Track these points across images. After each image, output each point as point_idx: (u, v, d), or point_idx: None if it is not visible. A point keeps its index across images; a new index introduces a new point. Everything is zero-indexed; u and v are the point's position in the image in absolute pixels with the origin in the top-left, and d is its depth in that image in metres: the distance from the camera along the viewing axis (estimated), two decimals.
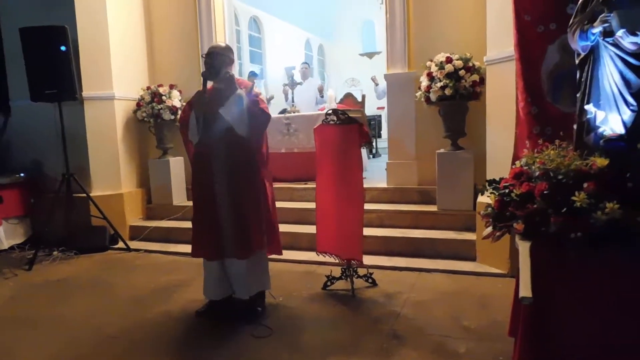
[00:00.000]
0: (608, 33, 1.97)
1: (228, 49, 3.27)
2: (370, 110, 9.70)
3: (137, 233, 5.52)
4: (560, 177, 1.94)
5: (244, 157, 3.15)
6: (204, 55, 3.23)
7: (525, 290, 1.72)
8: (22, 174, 5.58)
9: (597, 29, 2.00)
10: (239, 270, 3.18)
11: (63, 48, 4.91)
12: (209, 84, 3.22)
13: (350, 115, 3.62)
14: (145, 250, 5.13)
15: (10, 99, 5.89)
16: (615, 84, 1.99)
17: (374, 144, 10.32)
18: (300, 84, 7.17)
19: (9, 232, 5.40)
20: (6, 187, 5.30)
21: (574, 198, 1.82)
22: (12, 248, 5.36)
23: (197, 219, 3.29)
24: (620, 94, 1.97)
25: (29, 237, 5.57)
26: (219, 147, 3.12)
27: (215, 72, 3.14)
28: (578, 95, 2.15)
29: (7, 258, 5.10)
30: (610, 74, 1.99)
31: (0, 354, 2.89)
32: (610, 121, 2.00)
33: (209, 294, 3.35)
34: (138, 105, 5.68)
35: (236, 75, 3.31)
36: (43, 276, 4.43)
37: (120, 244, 5.28)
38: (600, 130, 2.03)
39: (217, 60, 3.14)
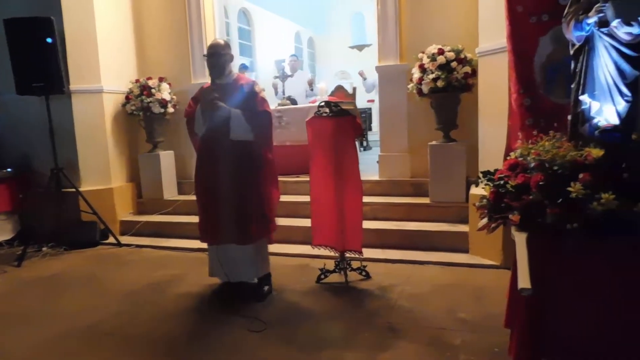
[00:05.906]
0: (603, 23, 1.97)
1: (227, 47, 3.43)
2: (360, 103, 9.61)
3: (128, 228, 5.47)
4: (555, 168, 1.94)
5: (246, 149, 3.32)
6: (205, 55, 3.40)
7: (524, 282, 1.72)
8: (9, 169, 5.49)
9: (592, 19, 1.99)
10: (245, 255, 3.40)
11: (49, 40, 4.82)
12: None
13: (343, 107, 3.60)
14: (137, 245, 5.09)
15: None
16: (610, 75, 1.99)
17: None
18: (290, 76, 7.12)
19: None
20: None
21: (569, 189, 1.83)
22: None
23: (200, 207, 3.51)
24: (615, 84, 1.98)
25: (17, 233, 5.49)
26: (222, 139, 3.29)
27: (219, 71, 3.37)
28: (573, 85, 2.15)
29: None
30: (605, 64, 1.99)
31: None
32: (605, 112, 2.00)
33: (214, 274, 3.62)
34: (127, 98, 5.60)
35: (234, 70, 3.52)
36: (33, 272, 4.38)
37: (111, 239, 5.23)
38: (595, 121, 2.03)
39: (220, 60, 3.35)
